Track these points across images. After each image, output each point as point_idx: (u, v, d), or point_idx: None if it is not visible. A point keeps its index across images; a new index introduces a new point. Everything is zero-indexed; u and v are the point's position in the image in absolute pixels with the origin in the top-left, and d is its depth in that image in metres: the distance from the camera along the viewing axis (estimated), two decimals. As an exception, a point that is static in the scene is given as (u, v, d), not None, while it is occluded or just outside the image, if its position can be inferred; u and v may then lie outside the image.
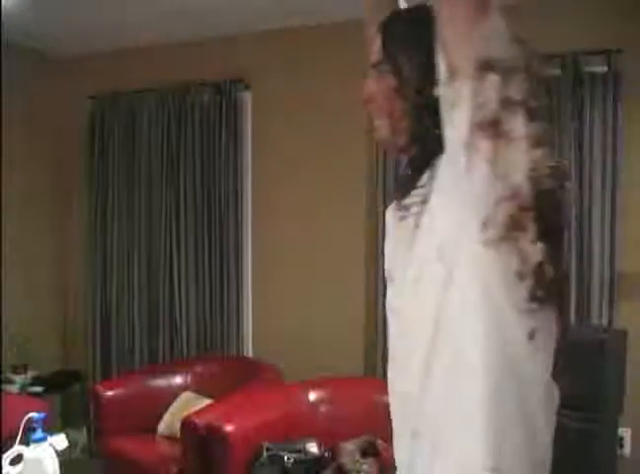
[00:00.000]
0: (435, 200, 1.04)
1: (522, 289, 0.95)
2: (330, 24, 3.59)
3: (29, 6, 3.34)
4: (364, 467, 2.74)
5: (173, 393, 3.53)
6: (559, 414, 1.05)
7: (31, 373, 3.93)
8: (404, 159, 1.23)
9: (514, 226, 0.92)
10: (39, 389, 3.82)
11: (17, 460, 1.66)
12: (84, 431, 4.13)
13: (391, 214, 1.21)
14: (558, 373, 1.01)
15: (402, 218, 1.14)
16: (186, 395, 3.52)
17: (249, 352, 3.91)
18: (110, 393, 3.41)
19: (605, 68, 3.06)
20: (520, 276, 0.94)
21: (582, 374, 2.67)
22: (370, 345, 3.53)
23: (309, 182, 3.75)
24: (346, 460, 2.77)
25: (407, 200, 1.13)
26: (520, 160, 0.90)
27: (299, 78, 3.75)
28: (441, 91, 0.95)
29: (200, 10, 3.46)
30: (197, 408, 3.13)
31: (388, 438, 1.25)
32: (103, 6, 3.39)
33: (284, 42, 3.76)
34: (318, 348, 3.61)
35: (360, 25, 1.36)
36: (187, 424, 2.91)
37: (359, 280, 3.59)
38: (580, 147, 3.12)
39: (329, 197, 3.70)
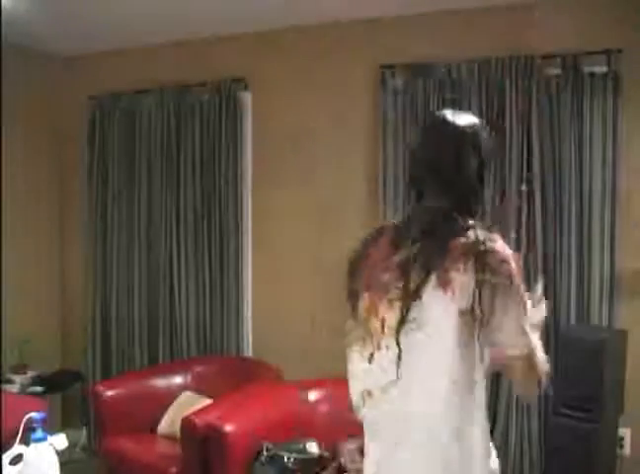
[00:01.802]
0: None
1: None
2: (330, 23, 3.58)
3: (29, 6, 3.34)
4: (364, 467, 2.74)
5: (173, 393, 3.53)
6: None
7: (31, 373, 3.93)
8: None
9: None
10: (39, 389, 3.81)
11: (17, 460, 1.66)
12: (84, 431, 4.12)
13: None
14: None
15: None
16: (186, 395, 3.52)
17: (249, 352, 3.91)
18: (110, 393, 3.41)
19: (605, 68, 3.06)
20: None
21: (582, 374, 2.67)
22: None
23: (309, 182, 3.75)
24: (346, 460, 2.77)
25: None
26: None
27: (299, 78, 3.74)
28: None
29: (199, 10, 3.46)
30: (196, 408, 3.13)
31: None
32: (103, 6, 3.39)
33: (284, 42, 3.76)
34: (318, 347, 3.61)
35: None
36: (187, 424, 2.91)
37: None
38: (580, 147, 3.13)
39: (329, 198, 3.70)
